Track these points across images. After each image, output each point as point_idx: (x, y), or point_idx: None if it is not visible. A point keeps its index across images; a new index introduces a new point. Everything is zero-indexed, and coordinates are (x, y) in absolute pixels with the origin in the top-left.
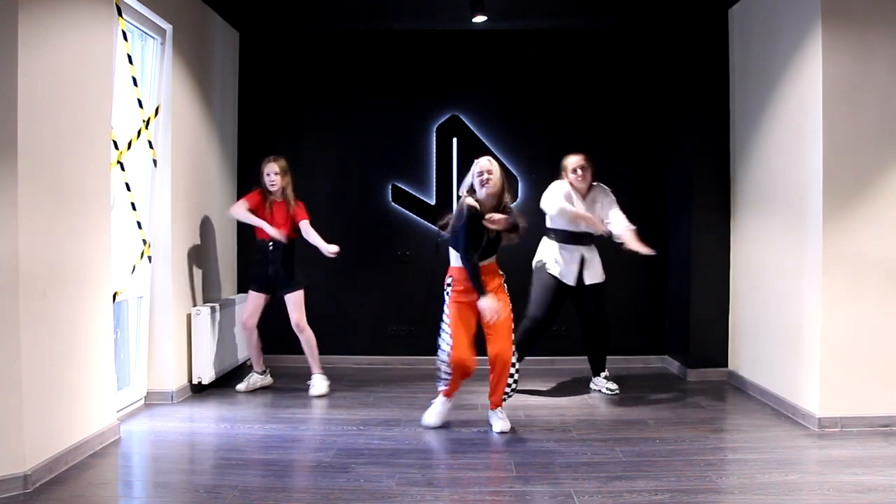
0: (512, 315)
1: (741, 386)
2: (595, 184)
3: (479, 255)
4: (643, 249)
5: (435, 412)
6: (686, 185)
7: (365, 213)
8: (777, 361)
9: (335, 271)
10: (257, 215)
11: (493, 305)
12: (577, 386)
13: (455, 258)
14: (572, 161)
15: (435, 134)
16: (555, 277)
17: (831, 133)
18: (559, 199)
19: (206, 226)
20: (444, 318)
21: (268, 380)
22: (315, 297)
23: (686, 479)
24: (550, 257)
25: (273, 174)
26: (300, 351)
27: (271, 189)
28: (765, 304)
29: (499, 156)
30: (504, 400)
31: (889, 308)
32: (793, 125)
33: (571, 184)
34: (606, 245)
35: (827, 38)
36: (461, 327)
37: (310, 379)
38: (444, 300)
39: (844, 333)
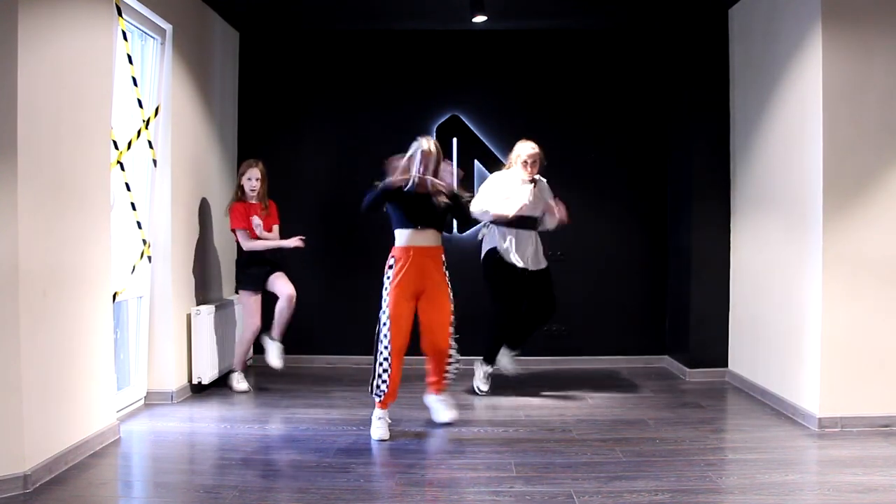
0: (452, 310)
1: (741, 386)
2: (538, 177)
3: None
4: (560, 216)
5: (379, 427)
6: (686, 184)
7: (365, 213)
8: (777, 361)
9: (335, 271)
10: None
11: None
12: (578, 386)
13: (399, 236)
14: (525, 152)
15: (435, 134)
16: (507, 262)
17: (831, 133)
18: (482, 200)
19: (206, 226)
20: (383, 307)
21: None
22: (315, 297)
23: (686, 479)
24: (499, 241)
25: (255, 179)
26: (298, 351)
27: (251, 193)
28: (765, 304)
29: (499, 156)
30: (446, 381)
31: (889, 308)
32: (793, 125)
33: (519, 173)
34: (608, 244)
35: (827, 38)
36: (402, 317)
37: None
38: (382, 286)
39: (844, 333)
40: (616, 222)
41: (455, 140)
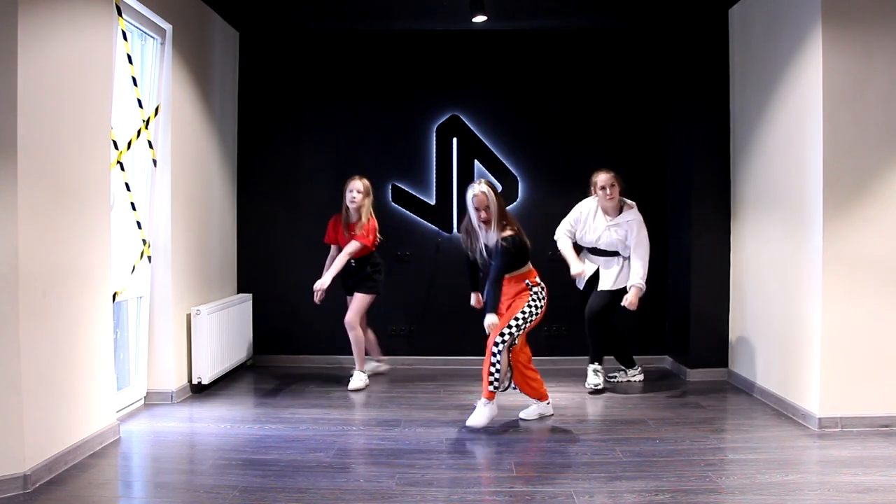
0: (523, 312)
1: (741, 386)
2: (627, 202)
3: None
4: (631, 304)
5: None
6: (686, 185)
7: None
8: (777, 361)
9: None
10: (335, 239)
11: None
12: (578, 386)
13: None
14: (600, 179)
15: (435, 134)
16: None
17: (831, 133)
18: (561, 228)
19: (206, 226)
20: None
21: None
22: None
23: (686, 479)
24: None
25: (356, 192)
26: (297, 352)
27: (350, 206)
28: (765, 304)
29: (499, 156)
30: (495, 389)
31: (889, 308)
32: (793, 125)
33: (600, 201)
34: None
35: (827, 38)
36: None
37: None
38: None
39: (844, 333)
40: None
41: (455, 140)
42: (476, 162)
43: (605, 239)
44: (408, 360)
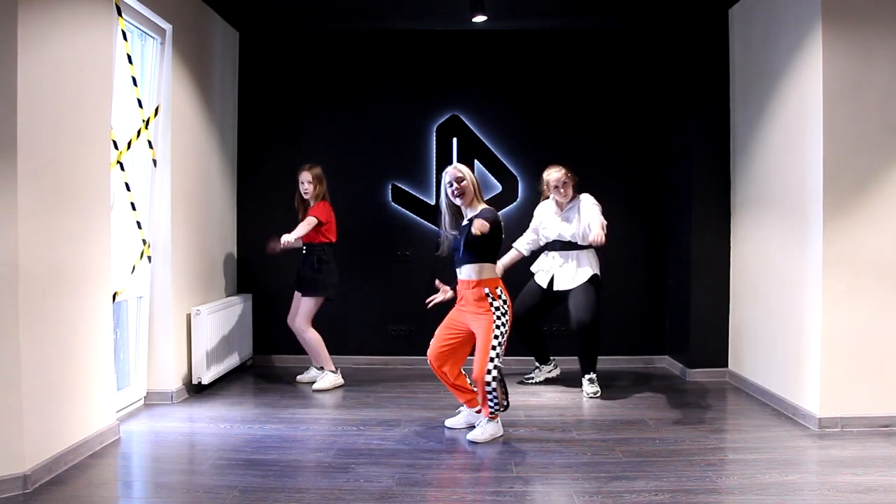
0: (497, 335)
1: (741, 386)
2: (581, 195)
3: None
4: (598, 236)
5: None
6: (686, 185)
7: (365, 213)
8: (777, 361)
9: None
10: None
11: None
12: (578, 386)
13: (471, 270)
14: (553, 178)
15: (435, 134)
16: (532, 276)
17: (832, 133)
18: (522, 239)
19: (206, 226)
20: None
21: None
22: None
23: (686, 479)
24: (538, 262)
25: (307, 182)
26: (297, 352)
27: (305, 197)
28: (765, 304)
29: (499, 156)
30: (494, 412)
31: (889, 308)
32: (793, 125)
33: (555, 199)
34: (608, 244)
35: (827, 38)
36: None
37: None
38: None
39: (844, 333)
40: (616, 222)
41: (455, 140)
42: (476, 162)
43: (560, 228)
44: (408, 360)
